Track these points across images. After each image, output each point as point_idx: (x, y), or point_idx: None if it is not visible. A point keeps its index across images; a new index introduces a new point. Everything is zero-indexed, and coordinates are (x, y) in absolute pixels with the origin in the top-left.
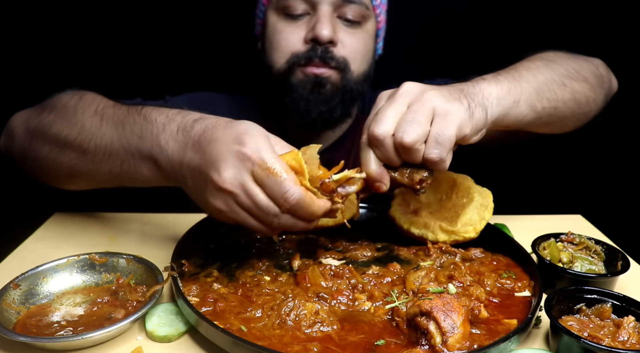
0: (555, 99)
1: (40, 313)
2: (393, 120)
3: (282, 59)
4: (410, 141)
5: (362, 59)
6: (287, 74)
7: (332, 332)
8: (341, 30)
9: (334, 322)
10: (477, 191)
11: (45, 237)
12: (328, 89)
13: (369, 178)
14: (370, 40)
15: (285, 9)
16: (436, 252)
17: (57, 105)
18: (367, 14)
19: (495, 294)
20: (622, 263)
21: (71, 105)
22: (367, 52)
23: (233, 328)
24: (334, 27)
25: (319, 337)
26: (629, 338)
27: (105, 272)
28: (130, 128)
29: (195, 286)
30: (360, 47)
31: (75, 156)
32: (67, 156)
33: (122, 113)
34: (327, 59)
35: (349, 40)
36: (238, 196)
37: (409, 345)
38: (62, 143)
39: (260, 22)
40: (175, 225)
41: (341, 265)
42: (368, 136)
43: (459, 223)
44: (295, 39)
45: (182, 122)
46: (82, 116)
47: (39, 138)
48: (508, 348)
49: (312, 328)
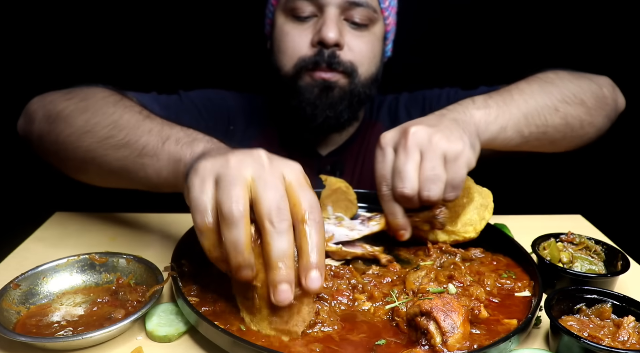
0: (545, 124)
1: (40, 313)
2: (415, 175)
3: (289, 63)
4: (436, 197)
5: (370, 63)
6: (294, 77)
7: (333, 332)
8: (348, 33)
9: (335, 322)
10: (477, 191)
11: (45, 237)
12: (336, 93)
13: (394, 227)
14: (378, 43)
15: (292, 10)
16: (436, 252)
17: (91, 96)
18: (374, 17)
19: (495, 294)
20: (622, 263)
21: (111, 100)
22: (375, 55)
23: (233, 328)
24: (340, 30)
25: (320, 338)
26: (629, 338)
27: (105, 272)
28: (168, 142)
29: (195, 286)
30: (367, 51)
31: (97, 140)
32: (87, 140)
33: (165, 128)
34: (334, 64)
35: (356, 43)
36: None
37: (409, 345)
38: (88, 128)
39: (269, 22)
40: (175, 225)
41: (341, 265)
42: (394, 192)
43: (459, 223)
44: (303, 42)
45: (192, 151)
46: (123, 111)
47: (62, 122)
48: (508, 348)
49: (312, 329)
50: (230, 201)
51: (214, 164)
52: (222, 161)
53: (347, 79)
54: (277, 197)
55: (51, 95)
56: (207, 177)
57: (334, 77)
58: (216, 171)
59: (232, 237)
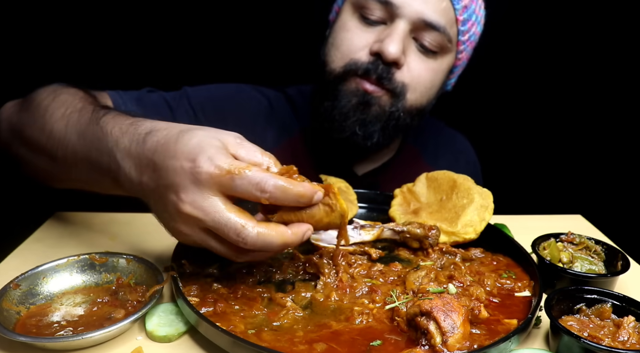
0: None
1: (40, 313)
2: None
3: (340, 62)
4: None
5: (424, 92)
6: (339, 78)
7: (333, 332)
8: (412, 54)
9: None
10: (477, 192)
11: (45, 237)
12: (373, 110)
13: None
14: (441, 75)
15: (361, 8)
16: (436, 252)
17: (32, 104)
18: (447, 46)
19: (495, 294)
20: (622, 263)
21: (44, 105)
22: (433, 86)
23: (236, 329)
24: (404, 48)
25: (320, 337)
26: (629, 338)
27: (105, 272)
28: (90, 139)
29: (195, 286)
30: (427, 79)
31: (47, 161)
32: (40, 160)
33: (84, 121)
34: (384, 80)
35: (417, 67)
36: (202, 220)
37: (409, 345)
38: (35, 146)
39: (336, 9)
40: None
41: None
42: None
43: (459, 224)
44: (361, 46)
45: (134, 135)
46: (51, 120)
47: (16, 137)
48: (508, 348)
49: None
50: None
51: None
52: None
53: (391, 100)
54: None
55: (12, 107)
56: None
57: (378, 93)
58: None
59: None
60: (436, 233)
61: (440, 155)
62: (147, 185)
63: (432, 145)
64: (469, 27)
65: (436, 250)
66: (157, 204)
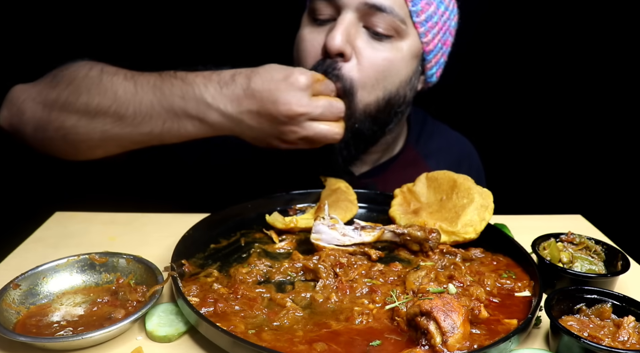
0: None
1: (40, 313)
2: None
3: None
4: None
5: (376, 85)
6: None
7: (333, 332)
8: (362, 42)
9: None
10: (477, 192)
11: (45, 237)
12: None
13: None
14: (402, 62)
15: (312, 12)
16: (436, 252)
17: (75, 76)
18: (401, 28)
19: (495, 294)
20: (622, 263)
21: (94, 74)
22: (390, 75)
23: (237, 330)
24: (351, 37)
25: (320, 336)
26: (629, 338)
27: (105, 272)
28: (170, 91)
29: (195, 286)
30: (379, 68)
31: (111, 121)
32: (100, 123)
33: (156, 78)
34: (331, 75)
35: (368, 55)
36: (310, 113)
37: (409, 345)
38: (94, 112)
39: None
40: (175, 225)
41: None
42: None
43: (459, 224)
44: (314, 49)
45: (220, 79)
46: (112, 84)
47: (63, 110)
48: (508, 348)
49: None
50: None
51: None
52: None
53: (343, 100)
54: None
55: (36, 86)
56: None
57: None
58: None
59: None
60: (436, 236)
61: (443, 159)
62: (247, 113)
63: (435, 149)
64: (422, 6)
65: (436, 250)
66: (262, 122)
